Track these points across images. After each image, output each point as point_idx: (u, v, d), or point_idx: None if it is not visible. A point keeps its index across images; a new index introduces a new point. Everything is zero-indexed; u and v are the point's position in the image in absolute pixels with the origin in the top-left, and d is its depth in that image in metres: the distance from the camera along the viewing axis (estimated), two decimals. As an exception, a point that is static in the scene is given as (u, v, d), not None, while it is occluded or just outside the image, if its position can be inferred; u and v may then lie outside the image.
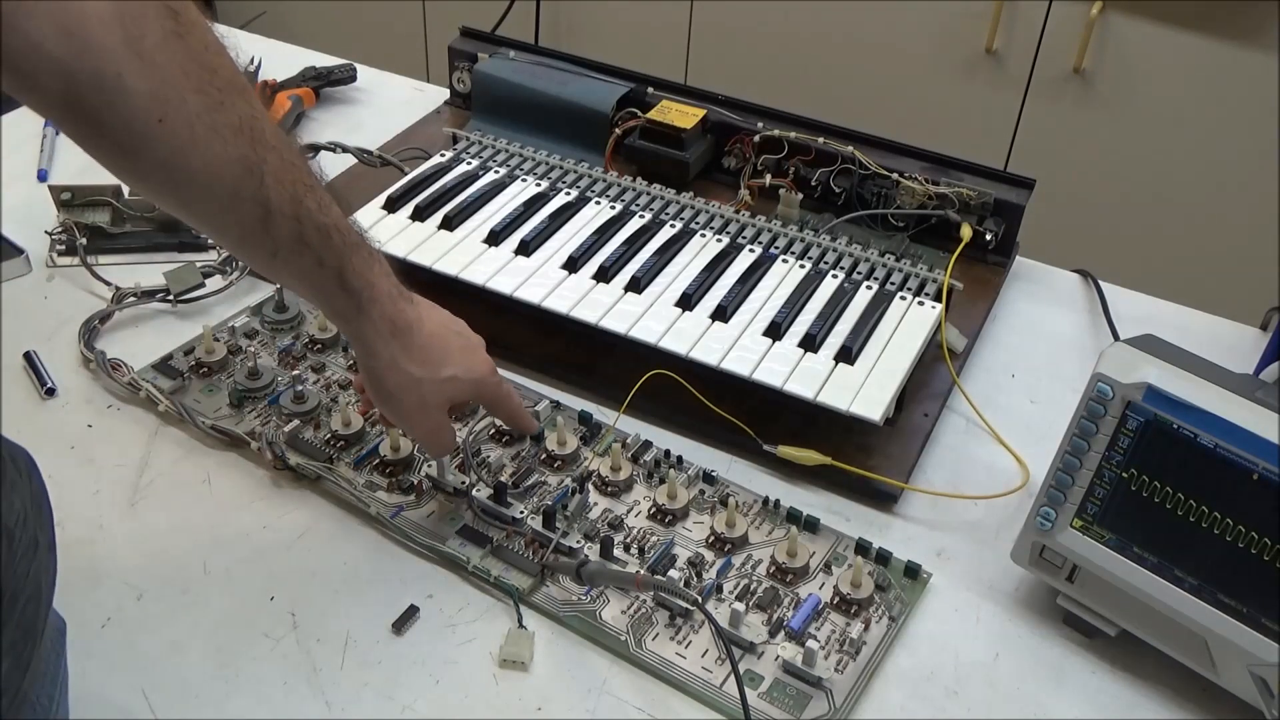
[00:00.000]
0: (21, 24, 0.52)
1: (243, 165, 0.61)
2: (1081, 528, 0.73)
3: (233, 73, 0.61)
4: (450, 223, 0.99)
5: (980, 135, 1.96)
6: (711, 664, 0.72)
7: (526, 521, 0.78)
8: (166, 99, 0.57)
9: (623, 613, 0.75)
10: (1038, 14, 1.84)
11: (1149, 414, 0.68)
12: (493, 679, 0.71)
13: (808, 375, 0.86)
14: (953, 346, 0.94)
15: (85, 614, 0.73)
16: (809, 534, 0.81)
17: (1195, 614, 0.69)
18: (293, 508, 0.81)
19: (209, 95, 0.59)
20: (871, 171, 1.06)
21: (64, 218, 1.04)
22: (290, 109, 1.22)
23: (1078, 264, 1.10)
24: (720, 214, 1.03)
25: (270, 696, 0.69)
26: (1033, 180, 1.05)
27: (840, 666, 0.72)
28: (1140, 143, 1.86)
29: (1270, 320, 1.02)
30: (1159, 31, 1.77)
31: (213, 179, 0.60)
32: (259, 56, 1.30)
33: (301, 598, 0.75)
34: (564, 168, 1.08)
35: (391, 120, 1.24)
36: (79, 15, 0.53)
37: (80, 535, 0.78)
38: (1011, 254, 1.07)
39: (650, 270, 0.94)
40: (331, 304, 0.71)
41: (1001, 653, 0.75)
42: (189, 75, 0.58)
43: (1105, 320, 1.02)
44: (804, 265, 0.97)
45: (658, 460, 0.85)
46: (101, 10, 0.54)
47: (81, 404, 0.88)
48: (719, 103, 1.14)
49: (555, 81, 1.16)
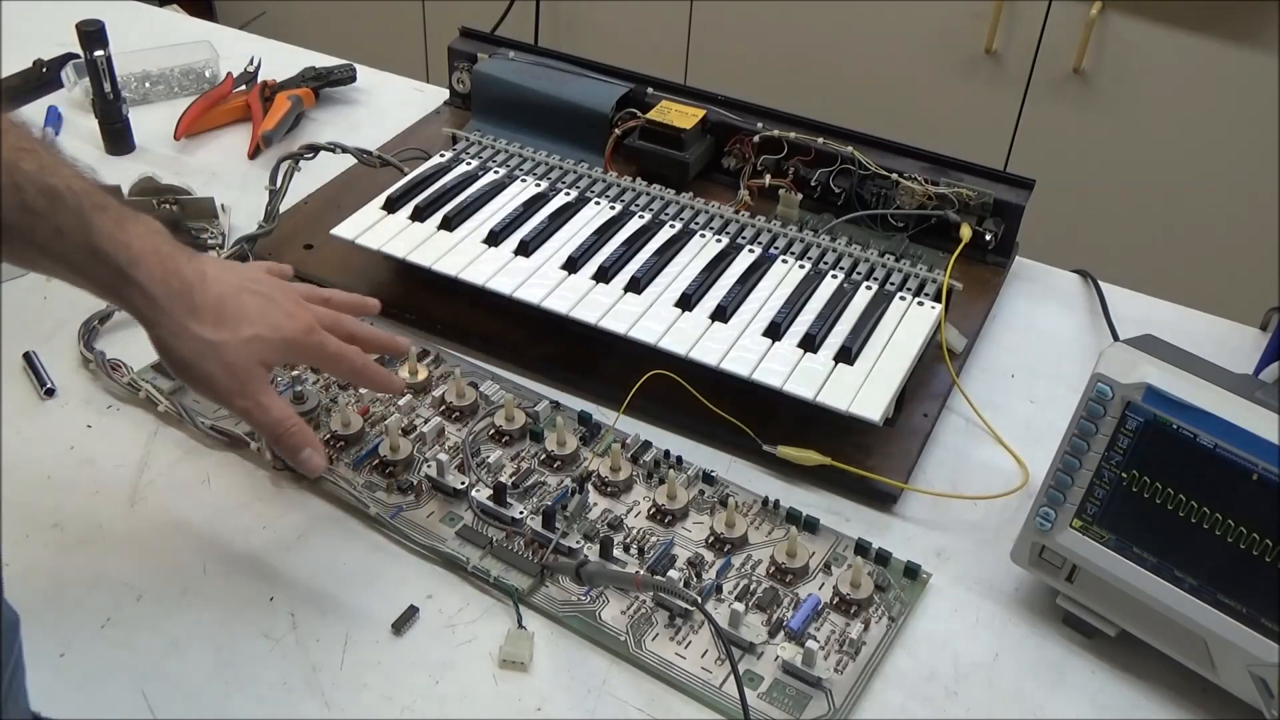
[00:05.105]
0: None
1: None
2: (1081, 528, 0.73)
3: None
4: (450, 223, 0.99)
5: (980, 135, 1.96)
6: (711, 664, 0.72)
7: (526, 522, 0.78)
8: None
9: (622, 613, 0.75)
10: (1037, 14, 1.84)
11: (1148, 414, 0.68)
12: (492, 679, 0.71)
13: (807, 375, 0.86)
14: (952, 347, 0.94)
15: (85, 614, 0.73)
16: (809, 534, 0.81)
17: (1195, 614, 0.69)
18: (292, 508, 0.81)
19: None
20: (871, 172, 1.06)
21: (64, 218, 1.03)
22: (290, 109, 1.22)
23: (1077, 264, 1.10)
24: (720, 214, 1.03)
25: (270, 696, 0.69)
26: (1032, 180, 1.05)
27: (840, 667, 0.72)
28: (1140, 143, 1.86)
29: (1270, 320, 1.02)
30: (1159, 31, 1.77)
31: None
32: (259, 56, 1.30)
33: (301, 598, 0.75)
34: (564, 168, 1.07)
35: (391, 120, 1.24)
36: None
37: (80, 535, 0.78)
38: (1011, 254, 1.07)
39: (650, 270, 0.94)
40: (91, 277, 0.65)
41: (1001, 653, 0.75)
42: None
43: (1105, 320, 1.02)
44: (804, 265, 0.97)
45: (657, 460, 0.85)
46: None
47: (81, 404, 0.88)
48: (719, 103, 1.14)
49: (555, 82, 1.16)
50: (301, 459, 0.74)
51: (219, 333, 0.68)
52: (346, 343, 0.77)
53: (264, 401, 0.71)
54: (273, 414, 0.72)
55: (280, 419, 0.72)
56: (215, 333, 0.68)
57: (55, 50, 1.31)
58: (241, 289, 0.71)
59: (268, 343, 0.70)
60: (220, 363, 0.68)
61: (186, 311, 0.67)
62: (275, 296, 0.73)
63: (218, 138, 1.23)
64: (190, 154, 1.20)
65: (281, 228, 1.04)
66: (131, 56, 1.26)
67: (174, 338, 0.67)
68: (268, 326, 0.70)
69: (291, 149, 1.07)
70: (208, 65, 1.31)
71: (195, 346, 0.68)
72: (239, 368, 0.69)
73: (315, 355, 0.75)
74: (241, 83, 1.27)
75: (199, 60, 1.31)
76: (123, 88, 1.18)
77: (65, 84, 1.26)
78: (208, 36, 1.36)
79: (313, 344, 0.74)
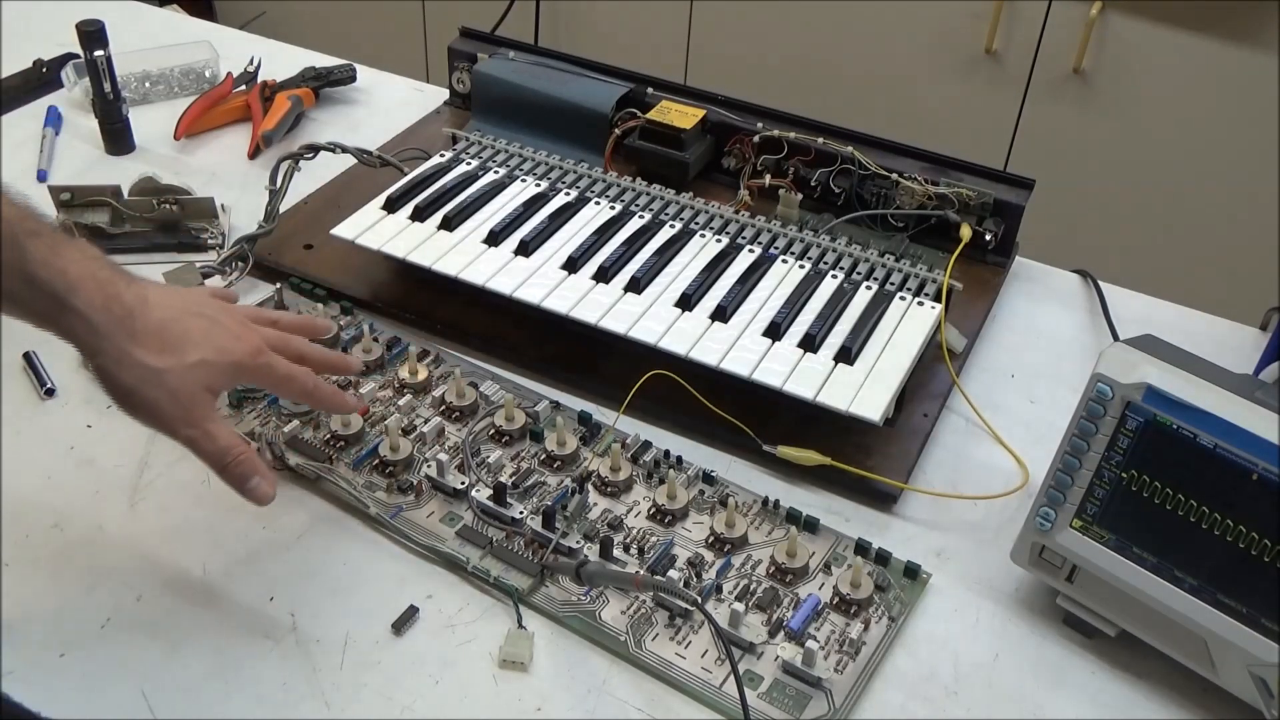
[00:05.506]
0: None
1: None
2: (1081, 528, 0.73)
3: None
4: (450, 223, 0.99)
5: (980, 135, 1.96)
6: (711, 664, 0.72)
7: (526, 522, 0.78)
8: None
9: (622, 613, 0.75)
10: (1037, 14, 1.84)
11: (1148, 414, 0.68)
12: (492, 679, 0.71)
13: (807, 375, 0.86)
14: (952, 347, 0.94)
15: (85, 614, 0.73)
16: (809, 534, 0.81)
17: (1195, 614, 0.69)
18: (292, 508, 0.81)
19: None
20: (871, 172, 1.06)
21: (64, 218, 1.04)
22: (290, 109, 1.22)
23: (1077, 264, 1.10)
24: (720, 214, 1.03)
25: (270, 697, 0.69)
26: (1032, 180, 1.05)
27: (840, 667, 0.72)
28: (1140, 143, 1.86)
29: (1270, 320, 1.02)
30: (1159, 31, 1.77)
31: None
32: (259, 56, 1.30)
33: (301, 598, 0.75)
34: (564, 168, 1.07)
35: (391, 120, 1.25)
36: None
37: (80, 535, 0.78)
38: (1011, 254, 1.07)
39: (650, 270, 0.94)
40: (28, 307, 0.64)
41: (1001, 653, 0.75)
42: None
43: (1105, 320, 1.02)
44: (804, 265, 0.97)
45: (657, 460, 0.85)
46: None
47: (81, 404, 0.88)
48: (719, 103, 1.14)
49: (555, 82, 1.16)
50: (249, 488, 0.71)
51: (163, 359, 0.66)
52: (297, 364, 0.75)
53: (210, 429, 0.69)
54: (219, 442, 0.69)
55: (227, 447, 0.69)
56: (159, 359, 0.66)
57: (55, 50, 1.31)
58: (185, 313, 0.69)
59: (214, 367, 0.68)
60: (165, 390, 0.66)
61: (128, 337, 0.65)
62: (220, 319, 0.71)
63: (218, 138, 1.23)
64: (190, 154, 1.20)
65: (281, 228, 1.04)
66: (131, 56, 1.26)
67: (117, 365, 0.65)
68: (213, 350, 0.68)
69: (291, 149, 1.07)
70: (208, 65, 1.31)
71: (139, 373, 0.65)
72: (184, 394, 0.67)
73: (264, 378, 0.73)
74: (241, 83, 1.27)
75: (199, 60, 1.31)
76: (123, 88, 1.18)
77: (65, 84, 1.26)
78: (208, 36, 1.36)
79: (261, 366, 0.71)
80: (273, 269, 1.01)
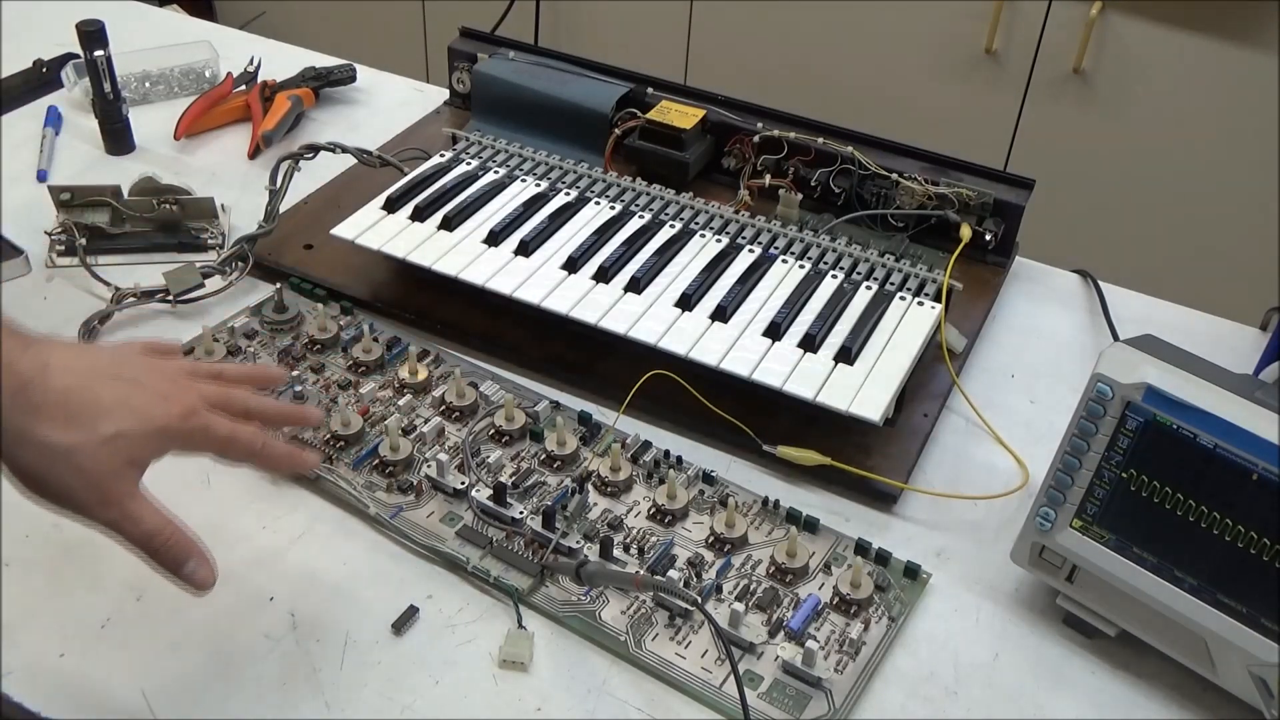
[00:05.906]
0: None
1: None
2: (1081, 528, 0.73)
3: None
4: (450, 223, 0.99)
5: (980, 136, 1.97)
6: (711, 664, 0.72)
7: (526, 522, 0.78)
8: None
9: (622, 613, 0.75)
10: (1037, 14, 1.84)
11: (1148, 414, 0.68)
12: (492, 679, 0.71)
13: (807, 375, 0.86)
14: (952, 347, 0.94)
15: (85, 614, 0.73)
16: (808, 534, 0.81)
17: (1195, 614, 0.69)
18: (292, 508, 0.81)
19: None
20: (871, 172, 1.06)
21: (64, 218, 1.04)
22: (290, 109, 1.22)
23: (1077, 264, 1.10)
24: (720, 214, 1.03)
25: (270, 697, 0.69)
26: (1032, 180, 1.05)
27: (840, 667, 0.72)
28: (1140, 143, 1.86)
29: (1270, 320, 1.02)
30: (1158, 31, 1.77)
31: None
32: (259, 56, 1.30)
33: (301, 598, 0.75)
34: (564, 168, 1.07)
35: (391, 120, 1.25)
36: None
37: (80, 535, 0.78)
38: (1011, 254, 1.07)
39: (650, 270, 0.94)
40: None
41: (1001, 653, 0.75)
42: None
43: (1105, 320, 1.02)
44: (804, 265, 0.97)
45: (657, 460, 0.85)
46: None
47: (81, 404, 0.88)
48: (719, 103, 1.14)
49: (555, 82, 1.16)
50: (185, 574, 0.63)
51: (69, 434, 0.57)
52: (242, 420, 0.67)
53: (133, 511, 0.60)
54: (144, 525, 0.61)
55: (153, 531, 0.61)
56: (65, 434, 0.57)
57: (55, 50, 1.31)
58: (95, 377, 0.60)
59: (135, 438, 0.60)
60: (74, 469, 0.57)
61: (27, 411, 0.56)
62: (143, 380, 0.62)
63: (218, 138, 1.23)
64: (190, 154, 1.20)
65: (281, 228, 1.04)
66: (131, 56, 1.26)
67: (16, 446, 0.56)
68: (132, 418, 0.59)
69: (291, 149, 1.07)
70: (208, 65, 1.31)
71: (42, 453, 0.57)
72: (97, 473, 0.58)
73: (201, 442, 0.64)
74: (241, 83, 1.27)
75: (199, 60, 1.31)
76: (123, 88, 1.18)
77: (65, 84, 1.26)
78: (208, 36, 1.36)
79: (195, 429, 0.63)
80: (273, 269, 1.01)
